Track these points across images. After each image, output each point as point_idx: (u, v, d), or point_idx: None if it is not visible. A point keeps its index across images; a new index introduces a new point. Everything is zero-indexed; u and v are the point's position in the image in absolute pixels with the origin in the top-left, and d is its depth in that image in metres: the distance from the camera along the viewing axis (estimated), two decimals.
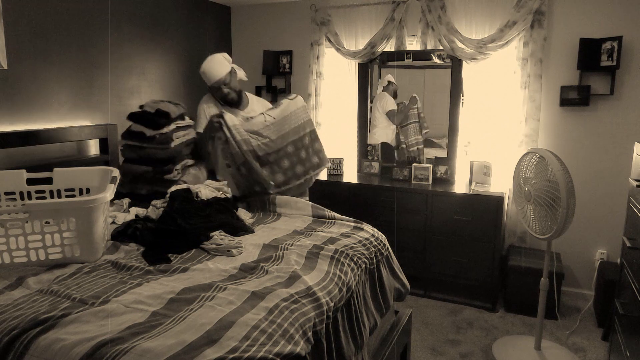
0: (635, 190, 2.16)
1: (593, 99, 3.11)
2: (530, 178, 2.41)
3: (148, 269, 1.69)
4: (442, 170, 3.45)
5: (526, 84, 3.20)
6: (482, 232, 3.07)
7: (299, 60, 4.05)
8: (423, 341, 2.75)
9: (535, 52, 3.14)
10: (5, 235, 1.63)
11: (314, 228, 2.21)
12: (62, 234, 1.67)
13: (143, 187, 2.52)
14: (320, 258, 1.81)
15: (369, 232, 2.21)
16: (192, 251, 1.88)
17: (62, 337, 1.22)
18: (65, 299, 1.42)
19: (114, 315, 1.33)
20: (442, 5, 3.31)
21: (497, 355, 2.59)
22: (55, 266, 1.69)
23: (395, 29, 3.52)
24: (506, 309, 3.13)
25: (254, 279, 1.61)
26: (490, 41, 3.17)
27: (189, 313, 1.35)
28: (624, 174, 3.04)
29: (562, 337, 2.82)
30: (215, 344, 1.20)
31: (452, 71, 3.39)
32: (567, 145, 3.22)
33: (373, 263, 2.00)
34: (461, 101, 3.41)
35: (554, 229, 2.29)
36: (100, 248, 1.79)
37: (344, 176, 3.65)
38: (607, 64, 2.95)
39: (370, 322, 1.83)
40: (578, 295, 3.30)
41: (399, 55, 3.55)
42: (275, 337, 1.26)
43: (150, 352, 1.15)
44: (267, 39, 4.16)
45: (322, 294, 1.55)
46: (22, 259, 1.67)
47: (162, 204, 2.29)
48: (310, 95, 3.90)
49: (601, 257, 3.21)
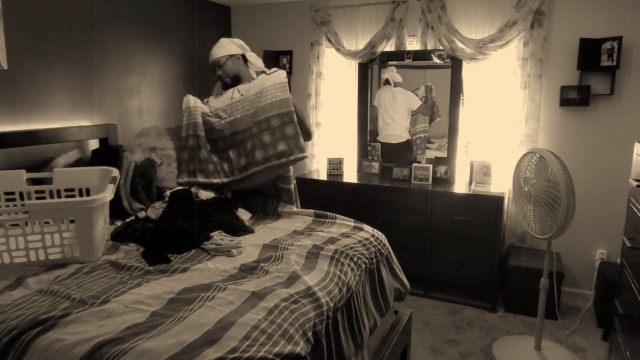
0: (635, 190, 2.16)
1: (593, 99, 3.11)
2: (530, 178, 2.41)
3: (148, 269, 1.69)
4: (442, 170, 3.45)
5: (526, 84, 3.20)
6: (482, 232, 3.07)
7: (299, 60, 4.05)
8: (423, 341, 2.75)
9: (535, 52, 3.14)
10: (5, 235, 1.63)
11: (314, 228, 2.21)
12: (61, 234, 1.67)
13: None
14: (320, 258, 1.82)
15: (368, 232, 2.21)
16: (192, 251, 1.89)
17: (62, 337, 1.22)
18: (65, 299, 1.42)
19: (114, 316, 1.33)
20: (442, 5, 3.31)
21: (497, 355, 2.59)
22: (55, 266, 1.69)
23: (395, 29, 3.51)
24: (506, 309, 3.13)
25: (253, 279, 1.61)
26: (490, 41, 3.17)
27: (189, 313, 1.35)
28: (624, 174, 3.04)
29: (562, 337, 2.81)
30: (215, 344, 1.20)
31: (452, 71, 3.39)
32: (567, 145, 3.22)
33: (373, 263, 2.00)
34: (461, 101, 3.41)
35: (554, 229, 2.29)
36: (100, 248, 1.79)
37: (344, 176, 3.65)
38: (607, 64, 2.95)
39: (370, 322, 1.83)
40: (578, 295, 3.30)
41: (399, 55, 3.55)
42: (275, 337, 1.27)
43: (150, 352, 1.15)
44: (267, 39, 4.16)
45: (322, 294, 1.55)
46: (22, 259, 1.67)
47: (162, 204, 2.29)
48: (310, 95, 3.90)
49: (601, 257, 3.21)
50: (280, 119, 2.34)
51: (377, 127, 3.77)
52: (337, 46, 3.71)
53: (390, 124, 3.70)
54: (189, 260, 1.79)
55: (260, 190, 2.58)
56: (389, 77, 3.64)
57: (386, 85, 3.67)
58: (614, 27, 2.98)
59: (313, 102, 3.89)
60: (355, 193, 3.45)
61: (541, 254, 3.15)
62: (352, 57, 3.68)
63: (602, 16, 3.02)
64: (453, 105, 3.42)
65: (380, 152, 3.76)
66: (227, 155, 2.43)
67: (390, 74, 3.63)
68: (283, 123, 2.34)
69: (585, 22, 3.07)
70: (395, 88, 3.65)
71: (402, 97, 3.64)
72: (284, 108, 2.35)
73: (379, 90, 3.71)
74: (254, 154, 2.36)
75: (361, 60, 3.65)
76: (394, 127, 3.69)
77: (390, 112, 3.69)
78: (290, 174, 2.57)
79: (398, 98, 3.65)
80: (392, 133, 3.71)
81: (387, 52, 3.59)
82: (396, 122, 3.68)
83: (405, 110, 3.64)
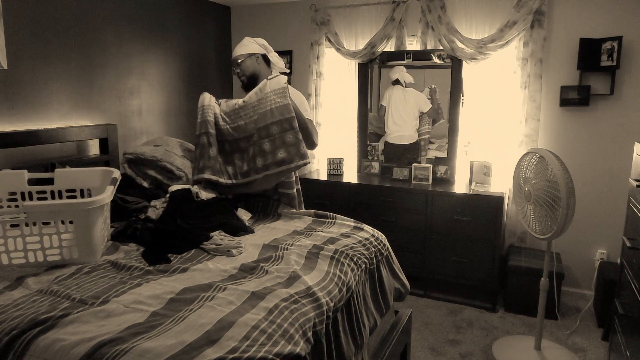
0: (635, 190, 2.16)
1: (593, 99, 3.11)
2: (530, 178, 2.41)
3: (148, 269, 1.69)
4: (442, 170, 3.45)
5: (526, 84, 3.20)
6: (482, 232, 3.07)
7: (299, 60, 4.05)
8: (423, 341, 2.75)
9: (535, 52, 3.14)
10: (4, 236, 1.63)
11: (314, 228, 2.21)
12: (60, 235, 1.66)
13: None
14: (320, 258, 1.81)
15: (368, 232, 2.21)
16: (192, 251, 1.88)
17: (62, 337, 1.22)
18: (65, 299, 1.42)
19: (114, 316, 1.33)
20: (442, 5, 3.31)
21: (497, 355, 2.59)
22: (55, 266, 1.68)
23: (395, 29, 3.52)
24: (506, 309, 3.13)
25: (253, 279, 1.61)
26: (490, 41, 3.17)
27: (189, 313, 1.35)
28: (624, 174, 3.04)
29: (562, 337, 2.81)
30: (215, 344, 1.20)
31: (452, 71, 3.39)
32: (567, 145, 3.22)
33: (373, 263, 2.00)
34: (461, 101, 3.41)
35: (554, 229, 2.29)
36: (99, 250, 1.78)
37: (344, 176, 3.65)
38: (607, 64, 2.95)
39: (370, 322, 1.83)
40: (578, 295, 3.30)
41: (399, 55, 3.55)
42: (275, 337, 1.26)
43: (150, 352, 1.15)
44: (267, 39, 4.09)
45: (322, 294, 1.55)
46: (21, 260, 1.66)
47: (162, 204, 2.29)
48: (310, 95, 3.90)
49: (601, 257, 3.21)
50: (280, 125, 2.29)
51: (384, 127, 3.74)
52: (337, 46, 3.71)
53: (401, 124, 3.67)
54: (189, 260, 1.79)
55: (263, 192, 2.58)
56: (399, 77, 3.59)
57: (396, 85, 3.63)
58: (614, 27, 2.98)
59: (313, 102, 3.89)
60: (355, 193, 3.45)
61: (541, 254, 3.15)
62: (352, 57, 3.68)
63: (602, 16, 3.02)
64: (453, 105, 3.42)
65: (384, 152, 3.74)
66: (232, 159, 2.44)
67: (401, 74, 3.59)
68: (283, 130, 2.28)
69: (585, 22, 3.07)
70: (407, 88, 3.61)
71: (414, 98, 3.60)
72: (284, 114, 2.29)
73: (388, 89, 3.69)
74: (255, 161, 2.34)
75: (361, 60, 3.65)
76: (405, 128, 3.66)
77: (402, 113, 3.65)
78: (292, 180, 2.55)
79: (410, 99, 3.61)
80: (404, 134, 3.66)
81: (387, 52, 3.59)
82: (407, 122, 3.65)
83: (416, 111, 3.61)
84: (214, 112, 2.43)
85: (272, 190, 2.56)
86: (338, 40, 3.72)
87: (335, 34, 3.72)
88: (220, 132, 2.43)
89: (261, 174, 2.33)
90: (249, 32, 4.22)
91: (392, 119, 3.70)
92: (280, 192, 2.55)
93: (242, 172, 2.41)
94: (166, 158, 2.66)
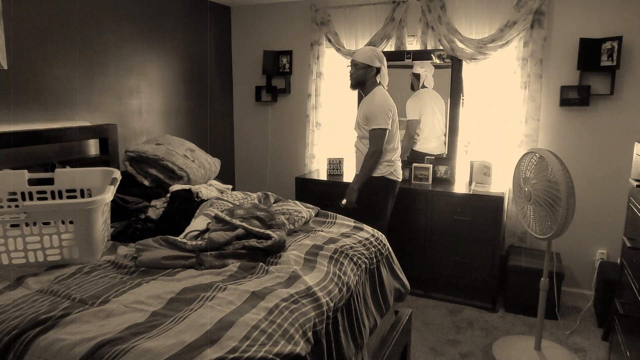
0: (635, 190, 2.16)
1: (593, 99, 3.11)
2: (530, 178, 2.41)
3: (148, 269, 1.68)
4: (442, 170, 3.45)
5: (526, 84, 3.20)
6: (482, 232, 3.07)
7: (299, 60, 4.05)
8: (423, 341, 2.75)
9: (535, 52, 3.14)
10: (4, 236, 1.63)
11: (314, 228, 2.21)
12: (60, 235, 1.66)
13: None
14: (320, 258, 1.81)
15: (368, 232, 2.21)
16: None
17: (62, 337, 1.22)
18: (65, 299, 1.42)
19: (114, 315, 1.33)
20: (442, 5, 3.31)
21: (497, 355, 2.59)
22: (55, 266, 1.68)
23: (395, 28, 3.51)
24: (506, 309, 3.13)
25: (253, 278, 1.61)
26: (490, 41, 3.17)
27: (189, 313, 1.35)
28: (624, 174, 3.04)
29: (562, 337, 2.81)
30: (215, 344, 1.20)
31: (452, 71, 3.39)
32: (567, 145, 3.22)
33: (373, 263, 2.00)
34: (461, 101, 3.41)
35: (554, 229, 2.29)
36: (100, 250, 1.78)
37: (344, 176, 3.65)
38: (607, 64, 2.95)
39: (370, 322, 1.83)
40: (578, 295, 3.30)
41: (399, 55, 3.54)
42: (275, 337, 1.26)
43: (150, 352, 1.15)
44: (267, 39, 4.16)
45: (322, 294, 1.55)
46: (21, 260, 1.66)
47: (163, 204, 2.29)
48: (310, 95, 3.90)
49: (601, 257, 3.20)
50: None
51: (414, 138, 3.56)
52: (337, 46, 3.71)
53: (439, 133, 3.52)
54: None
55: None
56: (423, 78, 3.37)
57: (423, 89, 3.48)
58: (614, 27, 2.98)
59: (313, 102, 3.89)
60: None
61: (541, 254, 3.15)
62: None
63: (602, 16, 3.02)
64: (453, 105, 3.42)
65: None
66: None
67: (425, 73, 3.40)
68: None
69: (585, 22, 3.07)
70: (434, 92, 3.47)
71: (441, 103, 3.48)
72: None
73: (416, 96, 3.51)
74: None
75: None
76: (427, 132, 3.52)
77: (439, 120, 3.49)
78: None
79: (439, 104, 3.48)
80: (432, 143, 3.51)
81: (387, 52, 3.58)
82: (425, 129, 3.50)
83: (440, 115, 3.49)
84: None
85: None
86: (338, 40, 3.71)
87: (335, 34, 3.72)
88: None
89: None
90: (249, 32, 4.23)
91: (431, 127, 3.52)
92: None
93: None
94: (168, 157, 2.67)
